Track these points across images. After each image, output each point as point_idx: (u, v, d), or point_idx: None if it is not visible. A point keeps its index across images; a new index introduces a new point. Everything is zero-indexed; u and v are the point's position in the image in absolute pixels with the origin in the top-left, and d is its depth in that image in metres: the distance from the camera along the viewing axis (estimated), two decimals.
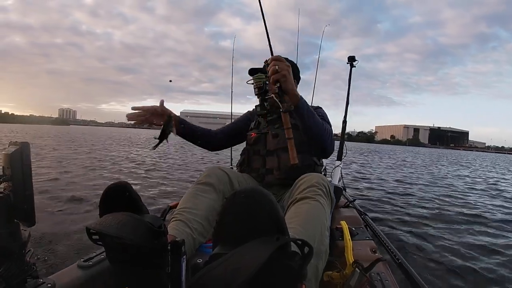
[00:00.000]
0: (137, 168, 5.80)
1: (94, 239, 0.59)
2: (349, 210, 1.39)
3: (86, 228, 0.57)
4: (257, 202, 0.45)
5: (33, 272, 0.61)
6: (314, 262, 0.73)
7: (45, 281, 0.67)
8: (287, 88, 0.95)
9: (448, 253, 1.99)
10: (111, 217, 0.55)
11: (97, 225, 0.54)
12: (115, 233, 0.51)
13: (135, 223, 0.54)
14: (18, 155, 0.55)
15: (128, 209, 0.59)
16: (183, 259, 0.56)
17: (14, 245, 0.56)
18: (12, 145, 0.57)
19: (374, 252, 0.96)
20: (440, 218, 2.95)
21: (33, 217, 0.57)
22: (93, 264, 0.78)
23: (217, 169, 1.07)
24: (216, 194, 0.99)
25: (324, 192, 0.91)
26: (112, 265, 0.62)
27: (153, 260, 0.56)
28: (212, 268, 0.39)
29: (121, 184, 0.64)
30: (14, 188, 0.55)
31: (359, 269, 0.76)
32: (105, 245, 0.60)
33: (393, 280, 0.81)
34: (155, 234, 0.54)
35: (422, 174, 7.75)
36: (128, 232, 0.52)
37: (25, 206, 0.55)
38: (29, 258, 0.61)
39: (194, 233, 0.86)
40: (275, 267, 0.41)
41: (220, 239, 0.47)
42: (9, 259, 0.55)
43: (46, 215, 2.44)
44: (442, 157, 20.94)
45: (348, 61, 2.23)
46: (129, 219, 0.54)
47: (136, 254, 0.55)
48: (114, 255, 0.61)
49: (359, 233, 1.08)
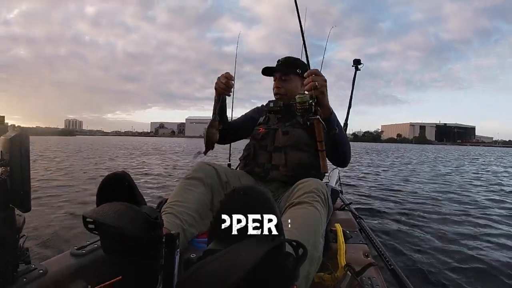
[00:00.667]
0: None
1: (90, 228, 0.59)
2: (344, 213, 1.39)
3: (83, 215, 0.56)
4: (255, 200, 0.46)
5: (25, 257, 0.61)
6: (306, 267, 0.73)
7: (37, 267, 0.67)
8: (323, 103, 1.00)
9: (442, 262, 1.99)
10: (108, 206, 0.55)
11: (94, 213, 0.54)
12: (112, 222, 0.51)
13: (133, 214, 0.54)
14: (17, 140, 0.54)
15: (126, 200, 0.59)
16: (177, 252, 0.57)
17: (8, 230, 0.56)
18: (12, 130, 0.57)
19: (366, 256, 0.97)
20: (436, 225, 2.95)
21: (29, 202, 0.56)
22: (86, 253, 0.78)
23: (204, 164, 1.10)
24: (204, 188, 1.01)
25: (322, 199, 0.91)
26: (107, 254, 0.62)
27: (148, 251, 0.56)
28: (206, 263, 0.39)
29: (120, 174, 0.64)
30: (11, 173, 0.55)
31: (351, 272, 0.76)
32: (101, 234, 0.60)
33: (384, 285, 0.81)
34: (152, 225, 0.54)
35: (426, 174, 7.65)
36: (125, 222, 0.52)
37: (21, 191, 0.54)
38: (23, 244, 0.61)
39: (185, 224, 0.87)
40: (269, 266, 0.41)
41: (215, 235, 0.47)
42: (2, 244, 0.55)
43: (41, 201, 2.43)
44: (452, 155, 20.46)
45: (353, 64, 2.21)
46: (127, 209, 0.54)
47: (132, 245, 0.55)
48: (109, 245, 0.61)
49: (353, 237, 1.09)
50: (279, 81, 1.30)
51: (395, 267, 1.00)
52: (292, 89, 1.28)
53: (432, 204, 3.84)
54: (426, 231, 2.66)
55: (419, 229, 2.72)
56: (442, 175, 7.42)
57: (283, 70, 1.30)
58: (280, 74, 1.30)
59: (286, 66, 1.31)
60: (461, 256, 2.07)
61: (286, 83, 1.29)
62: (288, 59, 1.33)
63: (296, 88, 1.29)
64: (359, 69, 2.22)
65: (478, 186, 5.38)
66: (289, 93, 1.27)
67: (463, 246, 2.28)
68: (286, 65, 1.31)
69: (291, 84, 1.29)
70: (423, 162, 11.91)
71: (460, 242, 2.38)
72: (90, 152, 12.30)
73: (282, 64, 1.31)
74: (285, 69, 1.30)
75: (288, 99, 1.24)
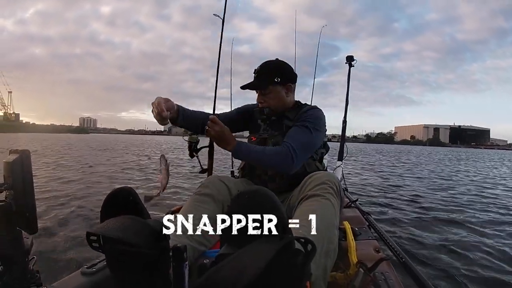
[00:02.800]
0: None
1: (94, 246, 0.58)
2: (351, 210, 1.39)
3: (87, 233, 0.56)
4: (259, 202, 0.46)
5: (36, 279, 0.61)
6: (323, 261, 0.74)
7: None
8: (221, 146, 1.07)
9: (454, 252, 1.98)
10: (113, 221, 0.55)
11: (98, 229, 0.54)
12: (117, 236, 0.51)
13: (138, 226, 0.54)
14: (18, 163, 0.55)
15: (130, 214, 0.59)
16: (185, 265, 0.56)
17: (17, 253, 0.56)
18: (12, 153, 0.57)
19: (377, 252, 0.96)
20: (446, 217, 2.93)
21: (35, 224, 0.56)
22: (96, 271, 0.78)
23: (216, 180, 1.06)
24: (215, 204, 0.98)
25: (334, 190, 0.91)
26: (113, 272, 0.62)
27: (156, 265, 0.55)
28: (218, 268, 0.40)
29: (125, 189, 0.64)
30: (15, 196, 0.55)
31: (363, 269, 0.76)
32: (105, 251, 0.59)
33: (398, 279, 0.81)
34: (158, 237, 0.54)
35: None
36: (131, 235, 0.51)
37: (27, 214, 0.55)
38: (33, 266, 0.61)
39: (193, 242, 0.85)
40: (279, 266, 0.41)
41: (226, 240, 0.48)
42: (12, 267, 0.55)
43: (49, 222, 2.43)
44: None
45: (347, 61, 2.24)
46: (132, 222, 0.54)
47: (139, 259, 0.54)
48: (115, 261, 0.60)
49: (362, 233, 1.08)
50: (259, 95, 1.21)
51: (406, 260, 0.99)
52: (274, 101, 1.19)
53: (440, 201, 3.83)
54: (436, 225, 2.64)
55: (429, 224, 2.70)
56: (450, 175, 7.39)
57: (259, 86, 1.20)
58: (259, 87, 1.21)
59: (263, 79, 1.19)
60: (474, 249, 2.05)
61: (267, 97, 1.19)
62: (264, 67, 1.21)
63: (279, 98, 1.19)
64: (352, 65, 2.24)
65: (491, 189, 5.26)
66: (272, 106, 1.19)
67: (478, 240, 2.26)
68: (263, 77, 1.19)
69: (272, 96, 1.19)
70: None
71: (474, 236, 2.35)
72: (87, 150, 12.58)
73: (258, 78, 1.20)
74: (261, 84, 1.19)
75: (275, 111, 1.20)
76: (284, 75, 1.19)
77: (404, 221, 2.71)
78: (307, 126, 1.11)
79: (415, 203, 3.50)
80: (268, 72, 1.18)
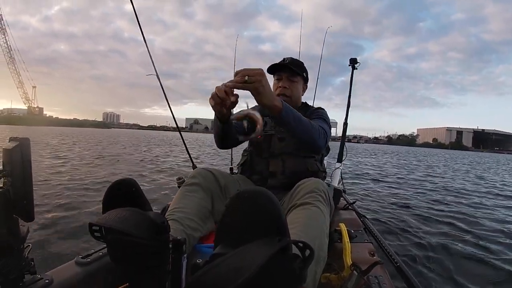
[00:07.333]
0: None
1: (96, 236, 0.59)
2: (348, 213, 1.39)
3: (89, 224, 0.57)
4: (259, 203, 0.46)
5: (31, 267, 0.61)
6: (313, 268, 0.73)
7: (43, 277, 0.67)
8: (263, 102, 0.83)
9: (449, 258, 1.99)
10: (114, 212, 0.56)
11: (100, 220, 0.55)
12: (119, 227, 0.51)
13: (138, 218, 0.54)
14: (18, 151, 0.54)
15: (132, 206, 0.60)
16: (184, 258, 0.57)
17: (13, 240, 0.56)
18: (12, 140, 0.57)
19: (372, 255, 0.96)
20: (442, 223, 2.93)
21: (32, 212, 0.56)
22: (91, 261, 0.78)
23: (202, 170, 1.08)
24: (203, 192, 1.00)
25: (323, 198, 0.91)
26: (113, 262, 0.62)
27: (154, 257, 0.56)
28: (213, 266, 0.39)
29: (127, 180, 0.65)
30: (13, 184, 0.55)
31: (357, 271, 0.76)
32: (107, 241, 0.60)
33: (391, 283, 0.81)
34: (158, 229, 0.54)
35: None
36: (131, 226, 0.52)
37: (24, 201, 0.55)
38: (28, 254, 0.61)
39: (187, 229, 0.87)
40: (276, 268, 0.41)
41: (221, 239, 0.47)
42: (7, 254, 0.55)
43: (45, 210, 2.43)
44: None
45: (350, 63, 2.23)
46: (133, 214, 0.55)
47: (139, 251, 0.55)
48: (116, 252, 0.60)
49: (357, 236, 1.08)
50: (285, 80, 1.23)
51: (401, 265, 0.99)
52: (297, 93, 1.25)
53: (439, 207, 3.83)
54: (431, 229, 2.65)
55: (424, 227, 2.71)
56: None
57: (293, 71, 1.23)
58: (288, 74, 1.24)
59: (295, 67, 1.23)
60: (466, 254, 2.06)
61: (292, 85, 1.23)
62: (295, 60, 1.27)
63: (299, 91, 1.26)
64: (356, 68, 2.24)
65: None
66: (293, 97, 1.23)
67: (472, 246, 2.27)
68: (294, 65, 1.23)
69: (297, 87, 1.24)
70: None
71: (470, 242, 2.36)
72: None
73: (291, 64, 1.23)
74: (294, 71, 1.23)
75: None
76: (306, 75, 1.28)
77: (401, 226, 2.71)
78: (324, 119, 1.18)
79: (411, 209, 3.50)
80: (299, 65, 1.26)
